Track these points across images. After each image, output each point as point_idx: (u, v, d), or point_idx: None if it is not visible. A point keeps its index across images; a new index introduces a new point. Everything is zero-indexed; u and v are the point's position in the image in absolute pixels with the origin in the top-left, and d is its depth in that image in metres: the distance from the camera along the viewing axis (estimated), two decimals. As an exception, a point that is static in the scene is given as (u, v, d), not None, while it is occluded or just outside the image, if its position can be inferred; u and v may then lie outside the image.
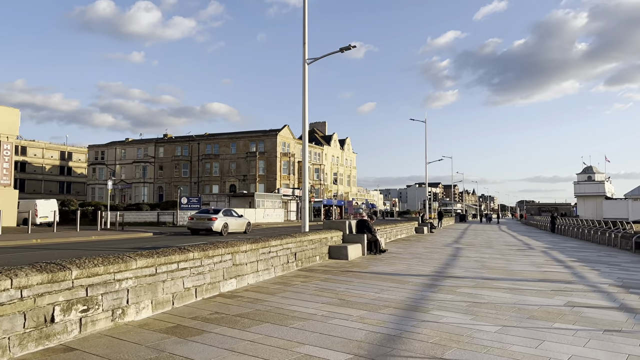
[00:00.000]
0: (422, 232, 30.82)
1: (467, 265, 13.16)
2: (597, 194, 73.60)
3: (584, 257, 16.88)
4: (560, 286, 9.78)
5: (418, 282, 9.85)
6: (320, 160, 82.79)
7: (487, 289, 9.17)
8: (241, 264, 8.66)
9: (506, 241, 25.86)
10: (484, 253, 17.44)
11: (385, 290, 8.66)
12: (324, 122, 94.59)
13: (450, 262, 13.90)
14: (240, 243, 8.79)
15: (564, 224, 38.64)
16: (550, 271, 12.37)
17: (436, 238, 27.11)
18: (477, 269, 12.29)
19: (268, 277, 9.66)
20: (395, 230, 24.88)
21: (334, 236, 14.33)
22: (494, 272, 11.86)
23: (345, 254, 13.55)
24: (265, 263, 9.60)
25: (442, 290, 8.91)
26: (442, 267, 12.64)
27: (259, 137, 70.73)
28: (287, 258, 10.74)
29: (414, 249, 18.82)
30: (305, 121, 14.38)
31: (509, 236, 32.09)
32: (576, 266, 13.70)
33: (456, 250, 18.60)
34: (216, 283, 7.84)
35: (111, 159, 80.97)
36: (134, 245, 20.26)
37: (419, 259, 14.55)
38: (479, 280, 10.36)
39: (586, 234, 28.37)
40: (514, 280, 10.43)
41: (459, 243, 23.33)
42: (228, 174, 71.06)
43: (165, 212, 41.31)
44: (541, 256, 16.81)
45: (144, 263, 6.24)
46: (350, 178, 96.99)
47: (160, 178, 75.55)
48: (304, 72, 14.47)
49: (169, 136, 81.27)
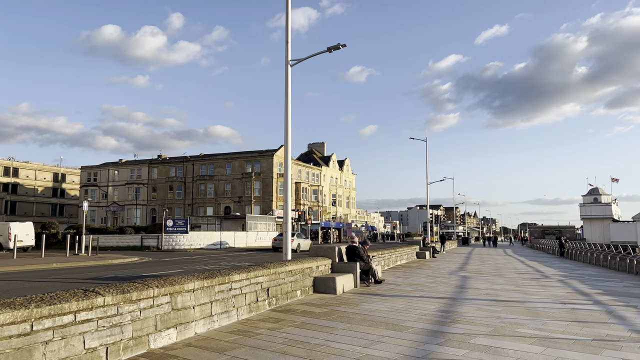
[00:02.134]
0: (423, 257, 28.60)
1: (478, 301, 11.01)
2: (604, 216, 71.28)
3: (610, 288, 14.71)
4: (600, 332, 7.65)
5: (420, 327, 7.71)
6: (318, 181, 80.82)
7: (509, 338, 7.04)
8: (185, 308, 6.56)
9: (516, 268, 23.64)
10: (494, 283, 15.28)
11: (376, 343, 6.53)
12: (323, 142, 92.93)
13: (458, 297, 11.75)
14: (186, 279, 6.70)
15: (573, 248, 36.40)
16: (579, 309, 10.22)
17: (439, 264, 24.91)
18: (491, 307, 10.14)
19: (227, 322, 7.53)
20: (395, 256, 22.70)
21: (321, 265, 12.22)
22: (511, 310, 9.72)
23: (333, 286, 11.42)
24: (223, 304, 7.49)
25: (451, 341, 6.79)
26: (449, 304, 10.49)
27: (255, 157, 68.83)
28: (256, 295, 8.62)
29: (415, 278, 16.65)
30: (287, 129, 12.46)
31: (518, 262, 29.85)
32: (606, 301, 11.54)
33: (463, 280, 16.42)
34: (143, 337, 5.73)
35: (104, 180, 79.00)
36: (91, 275, 17.87)
37: (421, 292, 12.39)
38: (496, 323, 8.23)
39: (601, 260, 26.14)
40: (539, 323, 8.30)
41: (465, 270, 21.14)
42: (223, 195, 68.96)
43: (149, 236, 39.06)
44: (560, 287, 14.64)
45: (8, 318, 4.16)
46: (349, 200, 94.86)
47: (154, 200, 73.42)
48: (287, 74, 12.61)
49: (163, 157, 79.41)
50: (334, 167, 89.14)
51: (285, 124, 12.50)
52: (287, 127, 12.52)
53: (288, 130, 12.50)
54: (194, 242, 38.61)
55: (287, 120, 12.50)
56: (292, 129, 12.11)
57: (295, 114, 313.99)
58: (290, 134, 12.52)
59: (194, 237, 38.94)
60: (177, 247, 37.36)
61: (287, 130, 12.55)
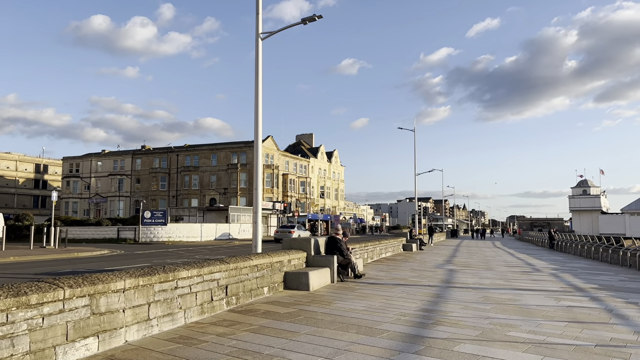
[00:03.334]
0: (410, 250, 27.65)
1: (466, 298, 10.00)
2: (592, 208, 70.95)
3: (605, 282, 13.81)
4: (603, 336, 6.65)
5: (397, 331, 6.65)
6: (306, 173, 79.65)
7: (499, 344, 6.02)
8: (112, 312, 5.43)
9: (505, 260, 22.76)
10: (483, 278, 14.31)
11: (341, 352, 5.46)
12: (311, 133, 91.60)
13: (443, 293, 10.73)
14: (113, 277, 5.57)
15: (563, 240, 35.73)
16: (575, 306, 9.26)
17: (426, 257, 23.96)
18: (480, 305, 9.13)
19: (170, 327, 6.41)
20: (379, 248, 21.69)
21: (294, 259, 11.13)
22: (502, 309, 8.71)
23: (306, 282, 10.34)
24: (165, 306, 6.37)
25: (432, 348, 5.74)
26: (433, 301, 9.46)
27: (241, 148, 67.31)
28: (211, 294, 7.51)
29: (399, 272, 15.63)
30: (258, 108, 11.31)
31: (507, 254, 29.02)
32: (604, 298, 10.61)
33: (450, 274, 15.44)
34: (47, 350, 4.60)
35: (86, 171, 77.07)
36: (45, 269, 16.47)
37: (403, 288, 11.36)
38: (484, 325, 7.20)
39: (592, 252, 25.37)
40: (533, 324, 7.30)
41: (453, 263, 20.19)
42: (208, 187, 67.47)
43: (126, 228, 37.65)
44: (553, 281, 13.71)
45: None
46: (338, 192, 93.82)
47: (137, 191, 71.73)
48: (257, 48, 11.43)
49: (147, 147, 77.62)
50: (323, 159, 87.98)
51: (256, 103, 11.36)
52: (258, 107, 11.38)
53: (258, 110, 11.36)
54: (173, 234, 37.30)
55: (257, 99, 11.35)
56: (264, 111, 10.98)
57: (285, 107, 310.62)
58: (260, 114, 11.38)
59: (173, 229, 37.64)
60: (155, 240, 36.04)
61: (257, 110, 11.41)
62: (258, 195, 11.35)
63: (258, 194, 11.33)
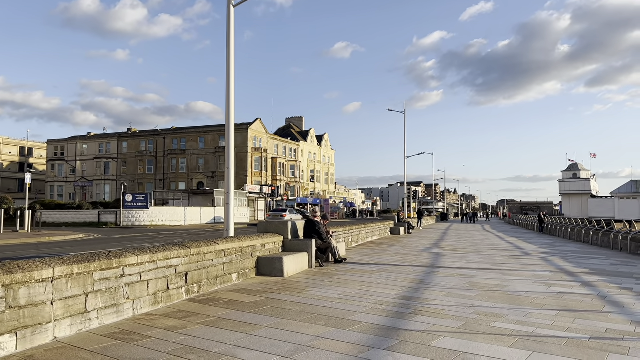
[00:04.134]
0: (397, 234, 27.08)
1: (450, 284, 9.37)
2: (582, 191, 70.91)
3: (596, 267, 13.27)
4: (598, 327, 6.03)
5: (370, 322, 5.98)
6: (296, 157, 78.76)
7: (483, 338, 5.37)
8: (36, 304, 4.68)
9: (494, 244, 22.25)
10: (470, 262, 13.71)
11: (303, 349, 4.78)
12: (301, 117, 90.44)
13: (427, 279, 10.09)
14: (39, 264, 4.81)
15: (553, 224, 35.38)
16: (566, 292, 8.66)
17: (413, 240, 23.39)
18: (464, 291, 8.50)
19: (114, 319, 5.68)
20: (365, 232, 21.06)
21: (269, 243, 10.42)
22: (488, 295, 8.08)
23: (280, 268, 9.64)
24: (109, 296, 5.63)
25: (407, 343, 5.08)
26: (414, 288, 8.82)
27: (229, 131, 66.08)
28: (167, 282, 6.78)
29: (383, 256, 15.00)
30: (230, 79, 10.47)
31: (496, 238, 28.57)
32: (596, 282, 10.03)
33: (435, 258, 14.84)
34: (-57, 352, 3.85)
35: (72, 154, 75.57)
36: (9, 254, 15.49)
37: (385, 274, 10.71)
38: (468, 314, 6.56)
39: (583, 235, 24.95)
40: (521, 314, 6.67)
41: (440, 247, 19.62)
42: (195, 170, 66.38)
43: (107, 212, 36.72)
44: (543, 266, 13.15)
45: None
46: (328, 175, 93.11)
47: (124, 175, 70.47)
48: (229, 16, 10.56)
49: (133, 130, 76.17)
50: (313, 142, 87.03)
51: (227, 72, 10.50)
52: (230, 77, 10.54)
53: (230, 81, 10.52)
54: (156, 218, 36.42)
55: (229, 69, 10.51)
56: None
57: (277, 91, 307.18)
58: (232, 86, 10.55)
59: (156, 212, 36.73)
60: (137, 224, 35.15)
61: (229, 80, 10.56)
62: (230, 175, 10.58)
63: (230, 173, 10.56)
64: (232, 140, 10.68)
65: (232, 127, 10.60)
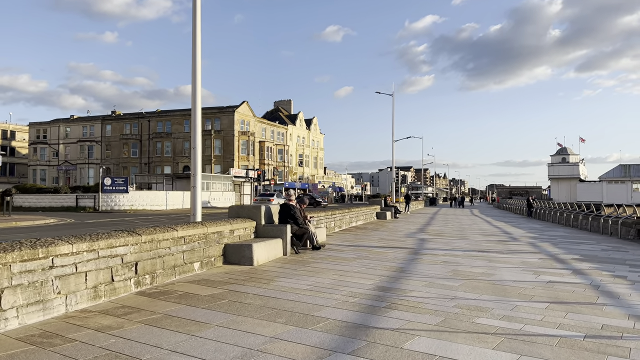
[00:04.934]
0: (384, 218, 26.47)
1: (432, 272, 8.70)
2: (571, 176, 70.82)
3: (587, 252, 12.71)
4: (593, 322, 5.39)
5: (338, 319, 5.27)
6: (284, 141, 77.74)
7: (464, 338, 4.69)
8: None
9: (481, 229, 21.70)
10: (456, 248, 13.08)
11: (253, 354, 4.06)
12: (289, 100, 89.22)
13: (408, 267, 9.41)
14: None
15: (541, 208, 35.00)
16: (556, 281, 8.03)
17: (399, 225, 22.78)
18: (447, 280, 7.83)
19: (39, 318, 4.91)
20: (349, 216, 20.38)
21: (239, 229, 9.67)
22: (473, 286, 7.41)
23: (249, 256, 8.90)
24: (33, 291, 4.86)
25: (375, 345, 4.38)
26: (394, 277, 8.13)
27: (215, 113, 64.84)
28: (111, 273, 6.01)
29: (365, 242, 14.33)
30: (196, 48, 9.64)
31: (484, 222, 28.08)
32: (587, 270, 9.43)
33: (420, 244, 14.19)
34: None
35: (54, 137, 73.86)
36: None
37: (364, 261, 10.02)
38: (449, 308, 5.89)
39: (572, 220, 24.50)
40: (508, 307, 6.01)
41: (426, 232, 19.01)
42: (181, 154, 65.15)
43: (86, 196, 35.66)
44: (531, 252, 12.55)
45: None
46: (317, 160, 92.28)
47: (108, 159, 69.06)
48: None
49: (118, 113, 74.50)
50: (301, 126, 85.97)
51: (194, 43, 9.66)
52: (196, 44, 9.69)
53: (197, 48, 9.68)
54: (136, 202, 35.41)
55: (195, 33, 9.65)
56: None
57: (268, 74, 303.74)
58: (199, 52, 9.71)
59: (136, 197, 35.70)
60: (116, 208, 34.17)
61: (195, 48, 9.72)
62: (196, 155, 9.76)
63: (196, 153, 9.75)
64: (198, 115, 9.86)
65: (198, 100, 9.78)
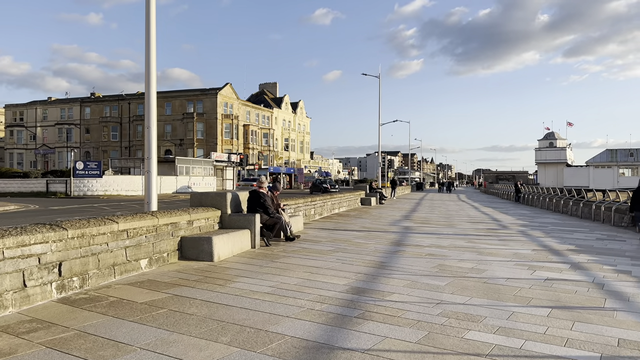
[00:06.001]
0: (368, 204, 25.52)
1: (416, 267, 7.72)
2: (558, 160, 70.54)
3: (582, 242, 11.85)
4: (605, 335, 4.44)
5: (296, 336, 4.24)
6: (269, 124, 76.23)
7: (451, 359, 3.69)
8: None
9: (469, 215, 20.85)
10: (442, 237, 12.14)
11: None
12: (275, 82, 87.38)
13: (390, 261, 8.42)
14: None
15: (530, 193, 34.34)
16: (555, 279, 7.10)
17: (384, 212, 21.84)
18: (433, 279, 6.85)
19: None
20: (331, 203, 19.36)
21: (200, 219, 8.58)
22: (461, 286, 6.44)
23: (209, 250, 7.83)
24: None
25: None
26: (372, 275, 7.13)
27: (197, 96, 63.07)
28: (23, 278, 4.91)
29: (345, 231, 13.33)
30: (150, 10, 8.43)
31: (471, 208, 27.28)
32: (586, 264, 8.53)
33: (404, 233, 13.23)
34: None
35: (32, 120, 71.49)
36: None
37: (341, 255, 9.00)
38: (434, 318, 4.90)
39: (562, 206, 23.76)
40: (503, 315, 5.05)
41: (411, 219, 18.09)
42: (163, 137, 63.37)
43: (57, 181, 34.17)
44: (523, 242, 11.66)
45: None
46: (303, 144, 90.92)
47: (87, 142, 67.08)
48: None
49: (97, 95, 72.24)
50: (287, 109, 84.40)
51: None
52: (150, 8, 8.49)
53: (151, 13, 8.47)
54: (110, 187, 33.98)
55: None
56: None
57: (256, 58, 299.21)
58: (153, 19, 8.51)
59: (110, 182, 34.28)
60: (89, 194, 32.78)
61: (149, 15, 8.51)
62: (151, 134, 8.59)
63: (151, 133, 8.58)
64: (153, 90, 8.66)
65: (153, 72, 8.57)
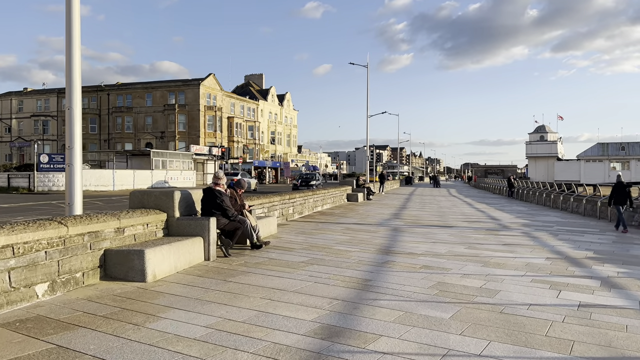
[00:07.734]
0: (355, 200, 23.80)
1: (409, 288, 5.99)
2: (549, 154, 69.43)
3: (598, 247, 10.26)
4: None
5: None
6: (255, 117, 74.07)
7: None
8: None
9: (464, 213, 19.21)
10: (437, 241, 10.44)
11: None
12: (261, 74, 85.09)
13: (376, 278, 6.66)
14: None
15: (523, 188, 32.89)
16: (590, 304, 5.44)
17: (371, 209, 20.13)
18: (432, 308, 5.11)
19: None
20: (313, 200, 17.59)
21: (136, 225, 6.77)
22: (472, 319, 4.71)
23: (140, 267, 6.03)
24: None
25: None
26: (352, 303, 5.38)
27: (179, 87, 60.74)
28: None
29: (326, 234, 11.57)
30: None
31: (464, 204, 25.69)
32: (618, 279, 6.93)
33: (393, 236, 11.50)
34: None
35: (6, 111, 68.60)
36: None
37: (316, 269, 7.23)
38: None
39: (560, 202, 22.24)
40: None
41: (401, 217, 16.40)
42: (143, 130, 61.03)
43: (19, 175, 31.99)
44: (532, 246, 10.01)
45: None
46: (290, 137, 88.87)
47: (65, 135, 64.45)
48: None
49: (75, 86, 69.38)
50: (273, 102, 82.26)
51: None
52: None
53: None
54: (79, 182, 31.56)
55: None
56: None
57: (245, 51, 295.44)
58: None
59: (79, 176, 31.87)
60: (54, 189, 30.61)
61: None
62: (74, 117, 6.79)
63: (74, 114, 6.77)
64: (76, 67, 6.82)
65: (76, 38, 6.72)
